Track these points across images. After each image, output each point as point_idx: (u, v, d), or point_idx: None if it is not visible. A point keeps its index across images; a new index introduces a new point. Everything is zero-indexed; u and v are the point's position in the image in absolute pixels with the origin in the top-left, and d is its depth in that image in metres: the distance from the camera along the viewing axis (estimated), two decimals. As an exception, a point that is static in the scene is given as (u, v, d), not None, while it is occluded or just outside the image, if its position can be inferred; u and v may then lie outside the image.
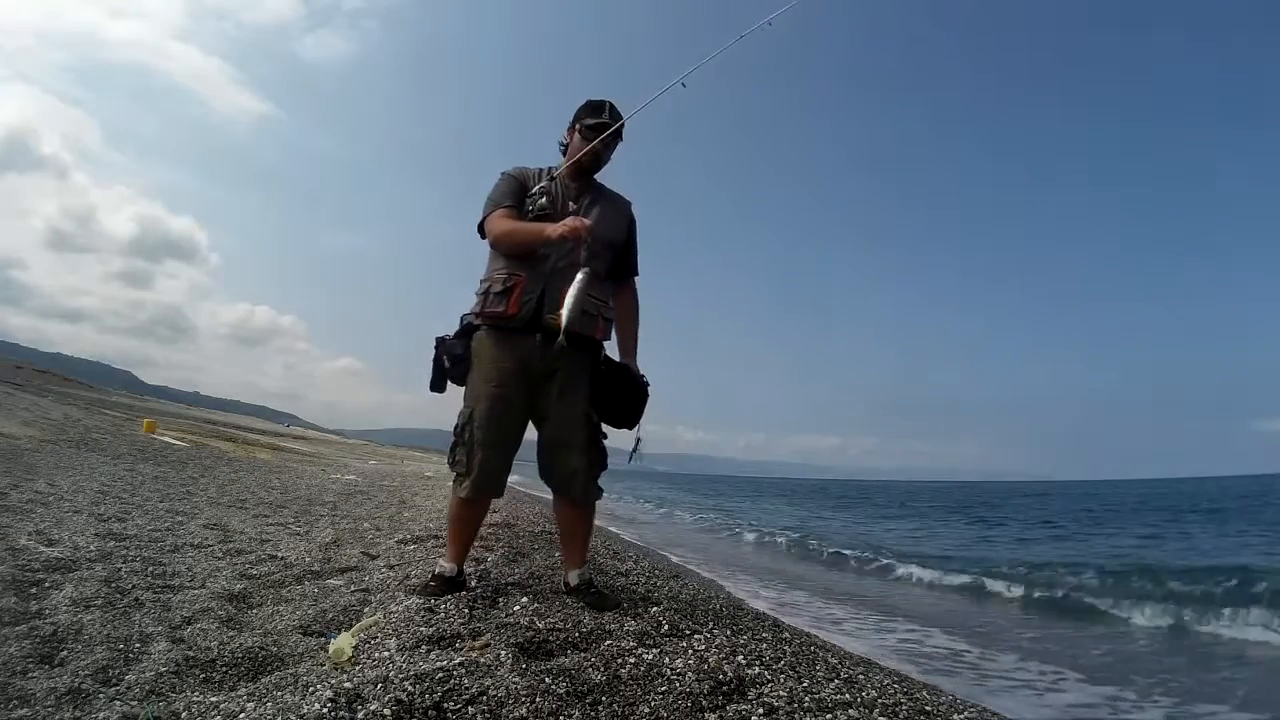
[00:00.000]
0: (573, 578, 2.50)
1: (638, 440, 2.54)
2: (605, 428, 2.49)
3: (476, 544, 3.50)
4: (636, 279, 2.65)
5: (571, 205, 2.45)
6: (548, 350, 2.34)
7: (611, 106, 2.48)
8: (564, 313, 2.21)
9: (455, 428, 2.41)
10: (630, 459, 2.54)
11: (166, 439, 11.54)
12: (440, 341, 2.45)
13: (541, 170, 2.53)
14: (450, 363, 2.42)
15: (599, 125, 2.43)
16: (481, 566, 3.06)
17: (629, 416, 2.48)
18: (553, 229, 2.25)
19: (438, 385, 2.46)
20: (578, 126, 2.48)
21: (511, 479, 2.64)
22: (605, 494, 2.60)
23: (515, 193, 2.45)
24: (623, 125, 2.47)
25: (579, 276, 2.25)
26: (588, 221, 2.27)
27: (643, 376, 2.51)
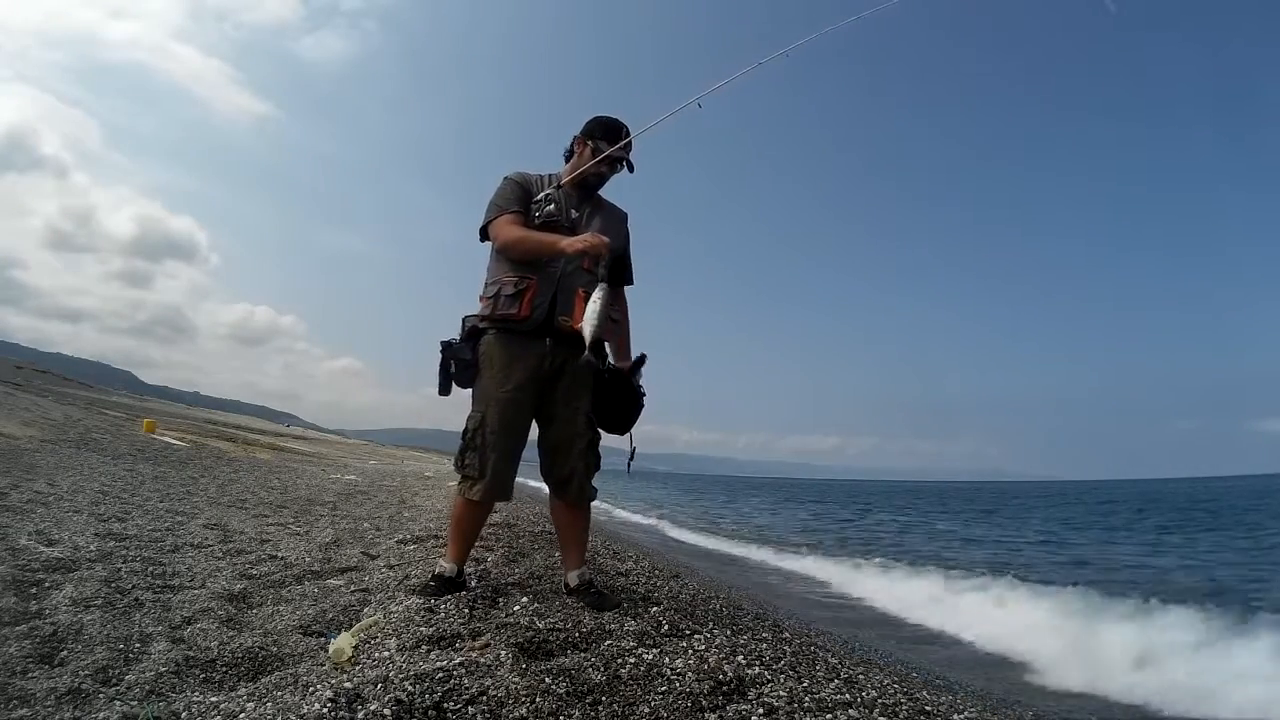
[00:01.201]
0: (572, 578, 2.50)
1: (633, 450, 2.59)
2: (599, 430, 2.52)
3: (476, 544, 3.50)
4: (628, 289, 2.67)
5: (574, 213, 2.46)
6: (558, 354, 2.37)
7: (627, 132, 2.49)
8: (587, 327, 2.23)
9: (465, 431, 2.40)
10: (629, 467, 2.65)
11: (166, 439, 11.54)
12: (446, 346, 2.44)
13: (544, 177, 2.54)
14: (457, 367, 2.41)
15: (618, 156, 2.46)
16: (481, 566, 3.06)
17: (623, 423, 2.50)
18: (568, 243, 2.26)
19: (445, 390, 2.46)
20: (590, 144, 2.49)
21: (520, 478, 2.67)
22: (612, 496, 2.64)
23: (521, 198, 2.45)
24: (630, 158, 2.50)
25: (599, 292, 2.26)
26: (606, 239, 2.29)
27: (640, 385, 2.52)
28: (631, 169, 2.55)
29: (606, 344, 2.55)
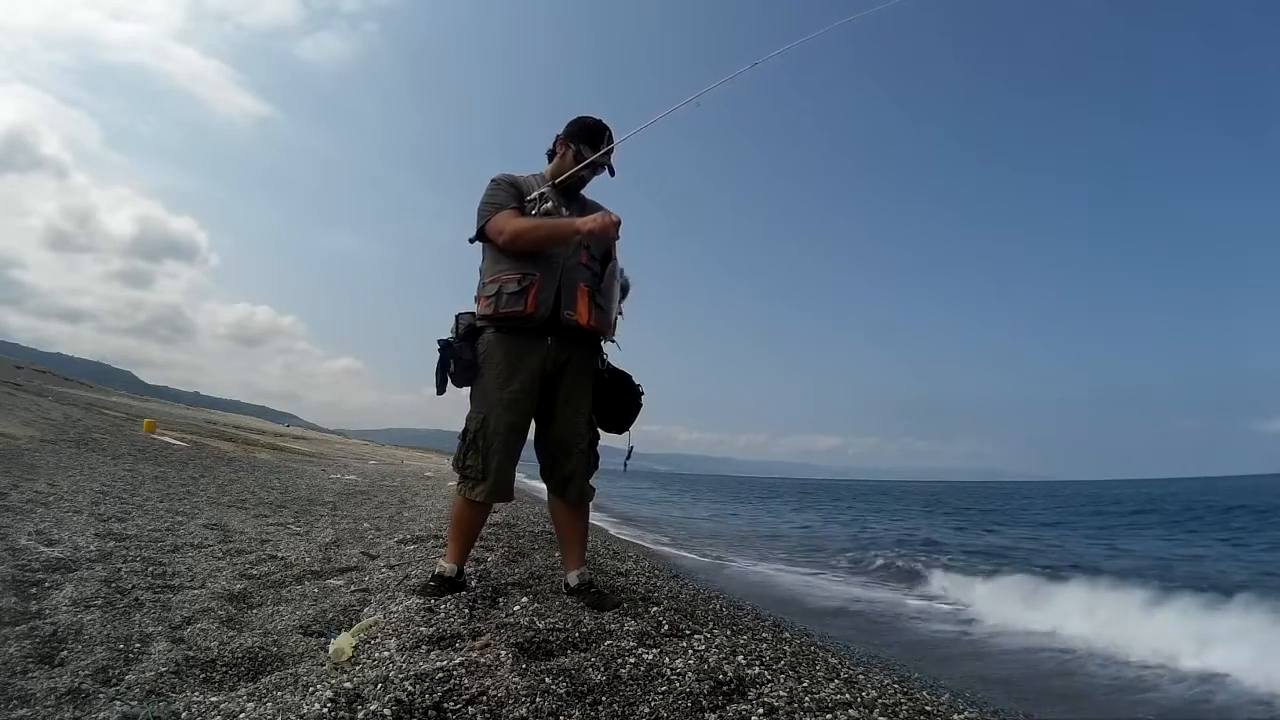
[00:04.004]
0: (572, 579, 2.50)
1: (630, 449, 2.62)
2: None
3: (476, 544, 3.50)
4: None
5: (564, 212, 2.46)
6: (561, 353, 2.38)
7: (609, 135, 2.48)
8: (612, 315, 2.38)
9: (465, 432, 2.39)
10: (625, 466, 2.69)
11: (166, 439, 11.53)
12: (445, 345, 2.42)
13: (533, 176, 2.55)
14: (457, 366, 2.40)
15: (601, 161, 2.46)
16: (481, 566, 3.06)
17: (622, 422, 2.52)
18: (583, 223, 2.26)
19: (443, 389, 2.46)
20: (571, 147, 2.48)
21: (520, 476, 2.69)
22: (613, 496, 2.66)
23: (516, 196, 2.45)
24: (611, 161, 2.49)
25: (618, 279, 2.36)
26: (617, 218, 2.29)
27: (638, 385, 2.54)
28: (612, 172, 2.54)
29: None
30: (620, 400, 2.50)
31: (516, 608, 2.25)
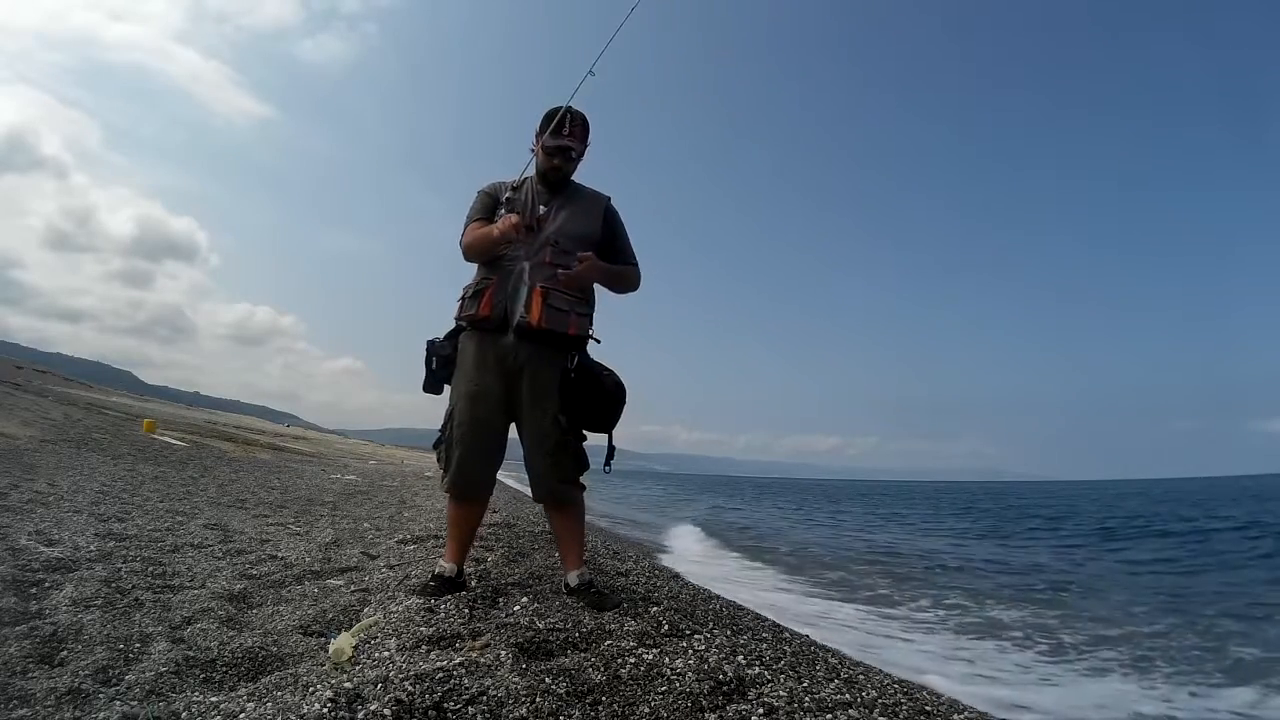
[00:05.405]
0: (572, 579, 2.50)
1: (611, 449, 2.58)
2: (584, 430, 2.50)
3: (476, 544, 3.50)
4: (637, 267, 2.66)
5: (543, 208, 2.49)
6: (521, 349, 2.39)
7: (560, 117, 2.44)
8: (518, 308, 2.35)
9: (441, 425, 2.49)
10: (606, 468, 2.63)
11: (166, 439, 11.53)
12: (430, 344, 2.52)
13: (524, 179, 2.57)
14: (439, 364, 2.50)
15: (556, 144, 2.45)
16: (481, 566, 3.06)
17: (602, 422, 2.49)
18: (494, 228, 2.37)
19: (430, 387, 2.53)
20: (539, 139, 2.50)
21: (511, 479, 2.68)
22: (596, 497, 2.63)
23: (488, 207, 2.53)
24: (569, 141, 2.46)
25: (524, 269, 2.37)
26: (515, 219, 2.34)
27: (615, 378, 2.50)
28: (578, 154, 2.52)
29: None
30: (593, 399, 2.46)
31: (516, 608, 2.25)
